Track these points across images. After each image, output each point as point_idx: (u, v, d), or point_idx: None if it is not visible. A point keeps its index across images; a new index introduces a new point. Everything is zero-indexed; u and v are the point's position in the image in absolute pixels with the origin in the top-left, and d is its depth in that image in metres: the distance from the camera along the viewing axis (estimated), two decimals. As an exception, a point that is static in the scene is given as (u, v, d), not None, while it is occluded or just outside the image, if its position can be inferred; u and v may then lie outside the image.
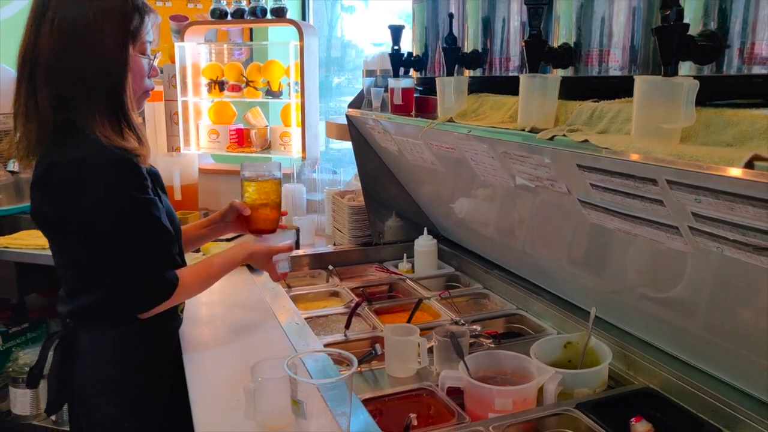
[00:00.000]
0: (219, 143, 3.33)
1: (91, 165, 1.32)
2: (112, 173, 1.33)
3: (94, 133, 1.32)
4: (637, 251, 1.36)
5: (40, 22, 1.32)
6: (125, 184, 1.35)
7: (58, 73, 1.32)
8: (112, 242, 1.35)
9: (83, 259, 1.40)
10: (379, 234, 2.48)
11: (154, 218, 1.39)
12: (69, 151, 1.32)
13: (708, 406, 1.28)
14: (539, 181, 1.46)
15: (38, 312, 3.12)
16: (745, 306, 1.17)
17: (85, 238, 1.36)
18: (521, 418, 1.31)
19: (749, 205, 0.91)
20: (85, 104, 1.33)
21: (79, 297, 1.43)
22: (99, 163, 1.32)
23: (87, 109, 1.33)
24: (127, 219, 1.35)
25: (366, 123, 2.22)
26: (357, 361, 1.09)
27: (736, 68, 0.96)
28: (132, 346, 1.47)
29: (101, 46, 1.33)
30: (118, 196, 1.34)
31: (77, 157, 1.32)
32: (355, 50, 4.63)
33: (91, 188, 1.31)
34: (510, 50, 1.52)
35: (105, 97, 1.35)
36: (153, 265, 1.41)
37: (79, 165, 1.31)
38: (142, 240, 1.38)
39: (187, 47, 3.25)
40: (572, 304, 1.76)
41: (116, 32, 1.34)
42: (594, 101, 1.22)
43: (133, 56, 1.38)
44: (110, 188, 1.33)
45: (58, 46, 1.31)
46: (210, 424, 1.27)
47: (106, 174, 1.32)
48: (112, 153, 1.33)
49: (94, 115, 1.33)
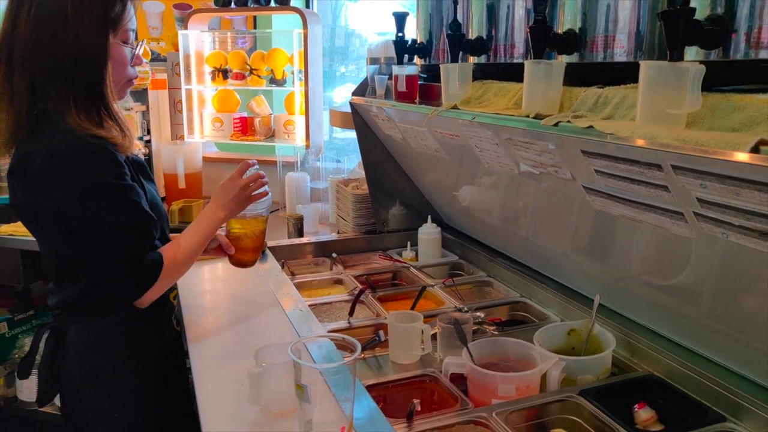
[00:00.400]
0: (223, 131, 3.33)
1: (63, 155, 1.28)
2: (85, 163, 1.30)
3: (69, 123, 1.29)
4: (642, 238, 1.36)
5: (18, 9, 1.29)
6: (100, 173, 1.31)
7: (34, 61, 1.29)
8: (89, 232, 1.32)
9: (62, 251, 1.38)
10: (383, 222, 2.48)
11: (133, 203, 1.35)
12: (42, 141, 1.30)
13: (711, 393, 1.29)
14: (543, 168, 1.45)
15: (43, 299, 3.10)
16: (749, 293, 1.17)
17: (62, 229, 1.33)
18: (524, 404, 1.32)
19: (755, 190, 0.90)
20: (61, 93, 1.30)
21: (64, 288, 1.42)
22: (71, 153, 1.29)
23: (62, 99, 1.30)
24: (105, 208, 1.32)
25: (370, 110, 2.21)
26: (360, 347, 1.09)
27: (742, 53, 0.95)
28: (121, 336, 1.46)
29: (79, 34, 1.29)
30: (93, 186, 1.30)
31: (49, 147, 1.29)
32: (359, 39, 4.62)
33: (64, 178, 1.28)
34: (515, 37, 1.51)
35: (83, 86, 1.32)
36: (135, 251, 1.37)
37: (51, 155, 1.28)
38: (122, 227, 1.34)
39: (191, 35, 3.24)
40: (576, 291, 1.76)
41: (96, 21, 1.31)
42: (599, 87, 1.22)
43: (114, 45, 1.35)
44: (84, 178, 1.29)
45: (33, 34, 1.28)
46: (214, 409, 1.28)
47: (78, 164, 1.29)
48: (85, 142, 1.29)
49: (69, 104, 1.30)
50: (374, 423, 1.19)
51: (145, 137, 3.18)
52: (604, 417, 1.25)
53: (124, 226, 1.35)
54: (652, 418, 1.28)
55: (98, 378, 1.45)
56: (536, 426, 1.31)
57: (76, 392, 1.48)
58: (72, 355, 1.46)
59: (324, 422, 1.06)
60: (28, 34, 1.28)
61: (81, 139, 1.30)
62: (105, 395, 1.46)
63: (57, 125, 1.30)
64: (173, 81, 3.33)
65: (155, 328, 1.54)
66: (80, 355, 1.45)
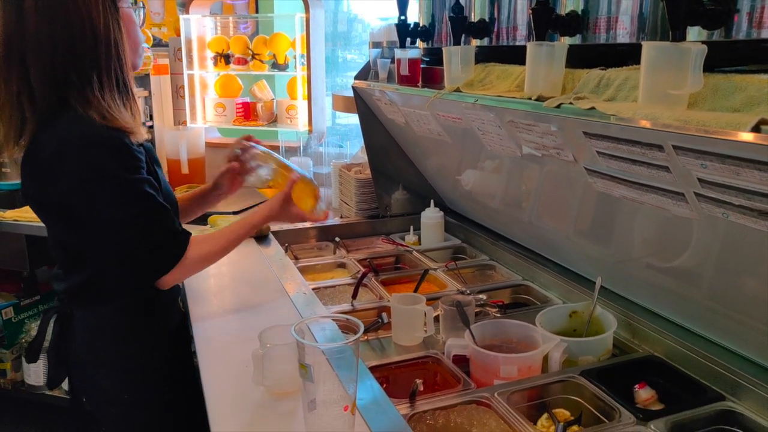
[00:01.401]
0: (225, 117, 3.33)
1: (74, 145, 1.27)
2: (95, 154, 1.27)
3: (88, 112, 1.27)
4: (643, 220, 1.37)
5: (21, 1, 1.25)
6: (110, 165, 1.28)
7: (51, 50, 1.25)
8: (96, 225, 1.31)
9: (69, 239, 1.39)
10: (386, 206, 2.49)
11: (146, 196, 1.33)
12: (56, 131, 1.27)
13: (710, 372, 1.30)
14: (546, 150, 1.45)
15: (49, 284, 3.16)
16: (748, 273, 1.18)
17: (69, 219, 1.33)
18: (526, 384, 1.33)
19: (755, 170, 0.91)
20: (84, 78, 1.27)
21: (71, 275, 1.42)
22: (82, 144, 1.27)
23: (86, 83, 1.28)
24: (112, 200, 1.30)
25: (372, 95, 2.21)
26: (363, 327, 1.10)
27: (744, 33, 0.95)
28: (128, 319, 1.47)
29: (90, 13, 1.26)
30: (101, 178, 1.28)
31: (61, 137, 1.27)
32: (362, 25, 4.59)
33: (73, 169, 1.27)
34: (517, 19, 1.51)
35: (105, 65, 1.29)
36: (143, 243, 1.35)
37: (62, 145, 1.26)
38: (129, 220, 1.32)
39: (193, 20, 3.23)
40: (578, 274, 1.77)
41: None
42: (601, 69, 1.22)
43: (122, 9, 1.32)
44: (92, 170, 1.27)
45: (47, 24, 1.24)
46: (219, 390, 1.30)
47: (88, 155, 1.27)
48: (98, 134, 1.27)
49: (93, 87, 1.28)
50: (377, 403, 1.21)
51: (147, 123, 3.18)
52: (605, 397, 1.27)
53: (137, 219, 1.32)
54: (652, 398, 1.29)
55: (106, 360, 1.47)
56: (538, 406, 1.32)
57: (85, 374, 1.50)
58: (79, 339, 1.47)
59: (327, 401, 1.07)
60: (40, 25, 1.24)
61: (96, 129, 1.27)
62: (113, 377, 1.48)
63: (75, 115, 1.27)
64: (175, 66, 3.32)
65: (162, 311, 1.55)
66: (87, 338, 1.47)
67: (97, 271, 1.39)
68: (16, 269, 2.96)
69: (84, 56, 1.27)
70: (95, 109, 1.28)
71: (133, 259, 1.35)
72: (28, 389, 3.01)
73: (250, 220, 1.57)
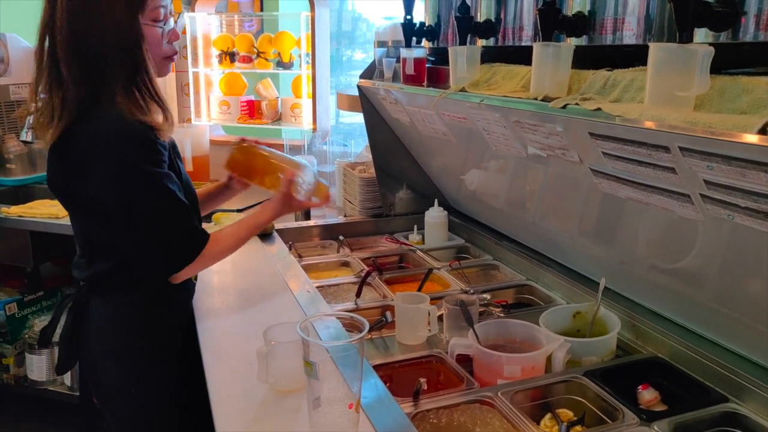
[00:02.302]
0: (230, 115, 3.34)
1: (105, 138, 1.32)
2: (125, 148, 1.33)
3: (117, 108, 1.32)
4: (648, 221, 1.37)
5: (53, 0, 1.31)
6: (138, 159, 1.34)
7: (78, 51, 1.31)
8: (123, 216, 1.36)
9: (96, 229, 1.43)
10: (390, 206, 2.49)
11: (167, 191, 1.38)
12: (88, 123, 1.33)
13: (714, 374, 1.30)
14: (551, 151, 1.46)
15: (53, 280, 3.17)
16: (753, 275, 1.18)
17: (96, 210, 1.38)
18: (529, 384, 1.33)
19: (762, 172, 0.91)
20: (107, 79, 1.33)
21: (95, 263, 1.46)
22: (113, 137, 1.32)
23: (109, 85, 1.33)
24: (139, 193, 1.35)
25: (377, 94, 2.21)
26: (368, 325, 1.10)
27: (752, 35, 0.95)
28: (142, 314, 1.49)
29: (113, 19, 1.31)
30: (130, 172, 1.33)
31: (93, 129, 1.32)
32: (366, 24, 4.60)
33: (103, 162, 1.32)
34: (523, 19, 1.51)
35: (126, 69, 1.34)
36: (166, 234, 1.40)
37: (94, 137, 1.32)
38: (155, 213, 1.38)
39: (198, 18, 3.24)
40: (582, 275, 1.77)
41: (121, 5, 1.32)
42: (607, 70, 1.22)
43: (144, 25, 1.36)
44: (122, 163, 1.32)
45: (70, 24, 1.30)
46: (223, 387, 1.30)
47: (118, 148, 1.32)
48: (128, 128, 1.32)
49: (116, 90, 1.33)
50: (381, 401, 1.21)
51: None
52: (608, 397, 1.27)
53: (156, 212, 1.38)
54: (655, 399, 1.29)
55: (117, 353, 1.49)
56: (541, 406, 1.33)
57: (95, 365, 1.52)
58: (92, 329, 1.49)
59: (332, 399, 1.07)
60: (65, 24, 1.30)
61: (125, 123, 1.32)
62: (123, 370, 1.49)
63: (105, 109, 1.32)
64: (180, 64, 3.33)
65: (176, 309, 1.58)
66: (100, 330, 1.49)
67: (121, 261, 1.43)
68: (20, 265, 2.97)
69: (105, 60, 1.32)
70: (120, 107, 1.33)
71: (151, 252, 1.41)
72: (31, 384, 3.02)
73: (257, 220, 1.62)
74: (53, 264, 3.16)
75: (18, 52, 3.04)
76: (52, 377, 3.00)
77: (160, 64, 1.45)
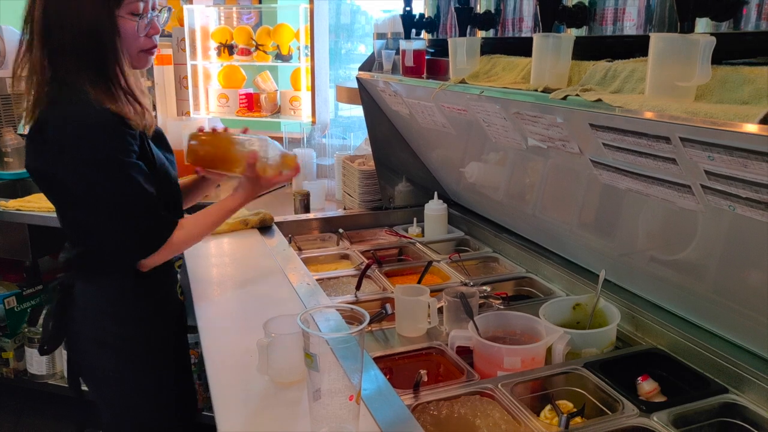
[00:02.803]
0: (229, 107, 3.33)
1: (76, 125, 1.34)
2: (95, 135, 1.34)
3: (87, 96, 1.34)
4: (648, 213, 1.36)
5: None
6: (108, 146, 1.35)
7: (49, 39, 1.34)
8: (92, 201, 1.38)
9: (69, 213, 1.46)
10: (389, 198, 2.49)
11: (132, 180, 1.38)
12: (59, 110, 1.35)
13: (714, 365, 1.30)
14: (551, 142, 1.45)
15: (52, 274, 3.17)
16: (753, 266, 1.18)
17: (67, 195, 1.40)
18: (529, 376, 1.33)
19: (764, 162, 0.91)
20: (74, 68, 1.35)
21: (74, 247, 1.49)
22: (84, 124, 1.34)
23: (77, 72, 1.35)
24: (108, 180, 1.36)
25: (377, 86, 2.21)
26: (369, 316, 1.10)
27: (753, 25, 0.94)
28: (125, 300, 1.52)
29: (83, 11, 1.33)
30: (99, 158, 1.35)
31: (64, 116, 1.34)
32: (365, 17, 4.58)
33: (73, 148, 1.34)
34: (523, 10, 1.50)
35: (93, 61, 1.36)
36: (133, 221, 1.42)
37: (65, 124, 1.34)
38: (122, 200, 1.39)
39: (196, 10, 3.23)
40: (582, 267, 1.77)
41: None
42: (608, 61, 1.21)
43: (120, 18, 1.37)
44: (91, 150, 1.34)
45: (44, 12, 1.33)
46: (223, 379, 1.30)
47: (89, 135, 1.34)
48: (98, 115, 1.34)
49: (83, 77, 1.35)
50: (382, 393, 1.21)
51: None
52: (607, 389, 1.27)
53: (120, 200, 1.39)
54: (655, 390, 1.29)
55: (103, 339, 1.51)
56: (541, 397, 1.33)
57: (81, 349, 1.54)
58: (79, 313, 1.51)
59: (332, 391, 1.07)
60: (41, 12, 1.33)
61: (95, 111, 1.34)
62: (108, 355, 1.51)
63: (77, 96, 1.34)
64: (178, 56, 3.31)
65: (160, 295, 1.60)
66: (86, 315, 1.51)
67: (93, 246, 1.46)
68: (18, 259, 2.97)
69: (73, 51, 1.35)
70: (92, 95, 1.35)
71: (116, 239, 1.43)
72: (30, 378, 3.02)
73: (226, 206, 1.60)
74: (52, 257, 3.15)
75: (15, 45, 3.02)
76: (52, 371, 3.00)
77: (138, 57, 1.45)
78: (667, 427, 1.15)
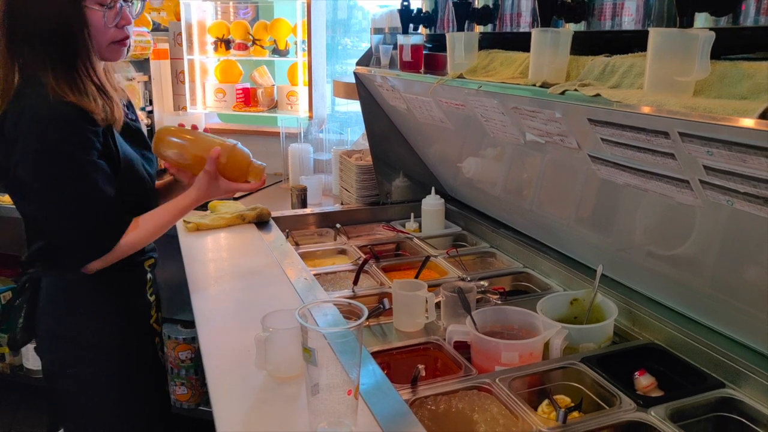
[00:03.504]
0: (225, 102, 3.32)
1: (31, 118, 1.32)
2: (50, 129, 1.32)
3: (46, 89, 1.32)
4: (646, 208, 1.37)
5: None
6: (62, 140, 1.33)
7: (11, 28, 1.33)
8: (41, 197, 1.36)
9: (23, 209, 1.44)
10: (387, 193, 2.49)
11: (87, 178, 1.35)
12: (19, 103, 1.34)
13: (711, 360, 1.31)
14: (549, 137, 1.45)
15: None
16: (750, 262, 1.18)
17: (19, 189, 1.38)
18: (527, 371, 1.34)
19: (762, 157, 0.91)
20: (38, 60, 1.34)
21: (32, 242, 1.48)
22: (39, 117, 1.32)
23: (40, 65, 1.34)
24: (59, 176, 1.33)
25: (374, 81, 2.20)
26: (367, 311, 1.10)
27: (752, 20, 0.94)
28: (86, 295, 1.50)
29: (49, 3, 1.32)
30: (51, 153, 1.32)
31: (21, 109, 1.33)
32: (362, 12, 4.57)
33: (26, 141, 1.32)
34: (521, 5, 1.50)
35: (59, 53, 1.34)
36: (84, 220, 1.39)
37: (20, 117, 1.33)
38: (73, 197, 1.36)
39: (193, 5, 3.21)
40: (579, 262, 1.77)
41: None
42: (606, 56, 1.21)
43: (88, 9, 1.35)
44: (44, 144, 1.32)
45: (10, 7, 1.32)
46: (221, 374, 1.30)
47: (43, 129, 1.32)
48: (56, 108, 1.32)
49: (47, 70, 1.33)
50: (380, 388, 1.21)
51: (147, 108, 3.16)
52: (605, 383, 1.27)
53: (72, 198, 1.36)
54: (652, 385, 1.30)
55: (63, 332, 1.51)
56: (539, 392, 1.33)
57: (42, 343, 1.55)
58: (43, 307, 1.52)
59: (330, 386, 1.07)
60: (5, 2, 1.32)
61: (54, 104, 1.32)
62: (61, 349, 1.51)
63: (38, 89, 1.33)
64: (175, 51, 3.30)
65: (122, 293, 1.57)
66: (49, 308, 1.51)
67: (47, 241, 1.45)
68: (13, 253, 2.96)
69: (36, 42, 1.34)
70: (51, 89, 1.33)
71: (65, 237, 1.41)
72: (26, 373, 3.02)
73: (179, 204, 1.54)
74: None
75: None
76: (48, 366, 3.00)
77: (109, 49, 1.42)
78: (664, 421, 1.15)
